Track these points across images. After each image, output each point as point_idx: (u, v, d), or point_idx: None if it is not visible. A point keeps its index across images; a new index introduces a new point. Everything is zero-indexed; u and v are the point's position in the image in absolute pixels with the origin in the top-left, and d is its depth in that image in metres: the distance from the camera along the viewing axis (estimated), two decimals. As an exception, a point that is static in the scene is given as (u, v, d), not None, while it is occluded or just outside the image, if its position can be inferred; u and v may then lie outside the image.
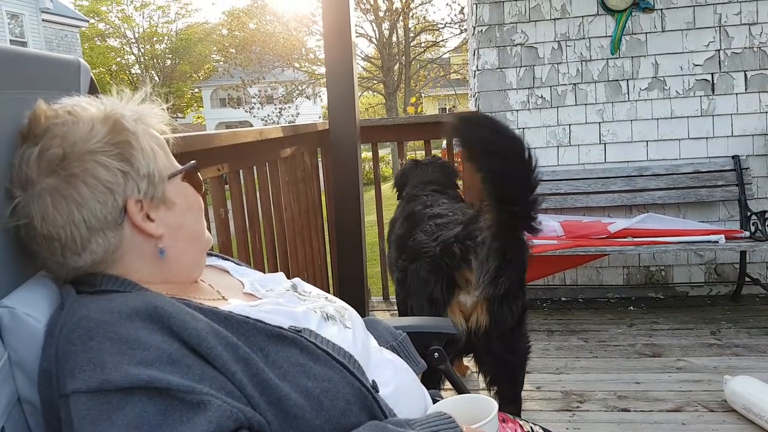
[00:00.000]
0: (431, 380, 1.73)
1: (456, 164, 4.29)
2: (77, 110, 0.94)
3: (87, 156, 0.90)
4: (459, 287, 2.03)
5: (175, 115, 34.33)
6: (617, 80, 3.94)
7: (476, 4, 4.02)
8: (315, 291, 1.22)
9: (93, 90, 1.18)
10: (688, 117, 3.89)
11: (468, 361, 3.09)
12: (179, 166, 1.05)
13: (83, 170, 0.90)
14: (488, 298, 1.97)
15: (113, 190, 0.92)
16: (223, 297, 1.06)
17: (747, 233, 3.56)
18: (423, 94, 27.28)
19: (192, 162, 1.07)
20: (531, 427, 1.32)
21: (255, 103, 24.11)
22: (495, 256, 1.83)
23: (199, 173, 1.10)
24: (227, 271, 1.21)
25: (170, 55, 37.95)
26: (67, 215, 0.89)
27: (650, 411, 2.57)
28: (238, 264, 1.26)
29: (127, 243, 0.95)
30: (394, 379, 1.08)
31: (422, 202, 2.62)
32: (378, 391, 1.00)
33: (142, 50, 37.44)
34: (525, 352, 2.19)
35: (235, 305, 0.99)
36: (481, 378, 2.58)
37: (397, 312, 3.82)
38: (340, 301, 1.21)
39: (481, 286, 1.88)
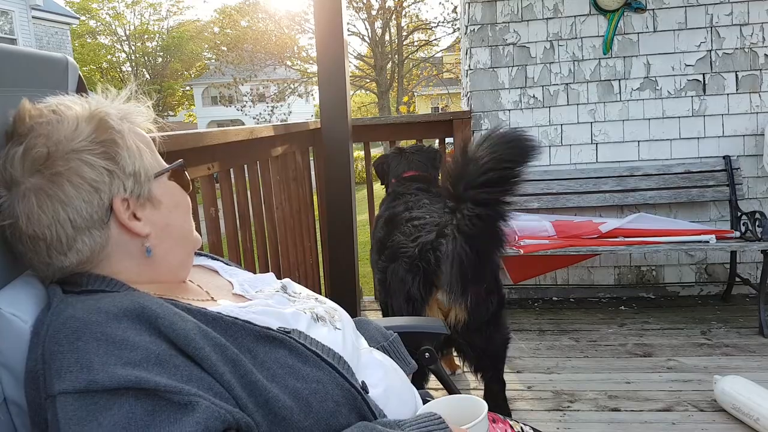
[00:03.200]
0: (417, 379, 1.75)
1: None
2: (62, 109, 0.93)
3: (72, 155, 0.89)
4: (436, 287, 2.08)
5: (166, 113, 34.28)
6: (609, 80, 3.95)
7: (469, 3, 4.02)
8: (305, 292, 1.21)
9: (81, 88, 1.17)
10: (679, 117, 3.91)
11: (458, 360, 3.10)
12: (166, 165, 1.04)
13: (68, 169, 0.89)
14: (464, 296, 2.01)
15: (99, 188, 0.91)
16: (212, 298, 1.06)
17: (737, 233, 3.57)
18: (415, 93, 27.30)
19: (179, 161, 1.07)
20: (521, 428, 1.31)
21: (247, 102, 24.09)
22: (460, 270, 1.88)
23: (186, 172, 1.09)
24: (216, 271, 1.20)
25: (161, 53, 37.84)
26: (53, 215, 0.89)
27: (640, 411, 2.57)
28: (227, 264, 1.25)
29: (114, 242, 0.94)
30: (384, 380, 1.08)
31: (405, 201, 2.65)
32: (368, 392, 1.00)
33: (133, 48, 37.31)
34: (504, 342, 2.28)
35: (224, 306, 0.98)
36: (471, 377, 2.59)
37: (388, 311, 3.81)
38: (330, 302, 1.21)
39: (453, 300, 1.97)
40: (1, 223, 0.89)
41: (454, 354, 2.49)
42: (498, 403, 2.30)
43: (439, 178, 3.14)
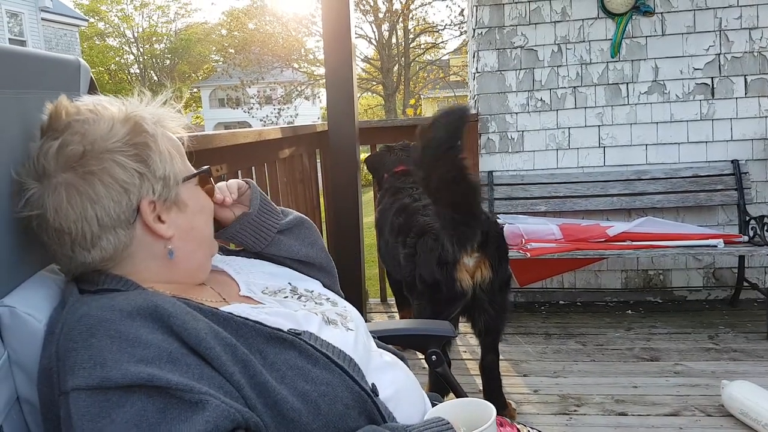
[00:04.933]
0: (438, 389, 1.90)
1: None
2: (99, 109, 0.95)
3: (106, 155, 0.91)
4: (463, 250, 2.35)
5: (174, 115, 34.37)
6: (617, 84, 3.94)
7: (476, 6, 4.02)
8: (318, 290, 1.21)
9: (92, 90, 1.18)
10: (687, 121, 3.89)
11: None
12: (193, 170, 1.06)
13: (101, 169, 0.91)
14: (487, 257, 2.39)
15: (129, 190, 0.93)
16: (224, 299, 1.06)
17: (745, 238, 3.56)
18: (422, 96, 27.27)
19: (206, 167, 1.09)
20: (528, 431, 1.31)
21: (254, 104, 24.13)
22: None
23: (212, 178, 1.11)
24: (225, 272, 1.20)
25: (169, 55, 37.96)
26: (81, 211, 0.90)
27: (647, 415, 2.57)
28: (227, 252, 1.26)
29: (137, 242, 0.96)
30: (394, 383, 1.07)
31: (409, 195, 2.87)
32: (377, 395, 1.00)
33: (142, 50, 37.45)
34: (510, 309, 2.62)
35: (236, 306, 0.99)
36: (479, 381, 2.59)
37: (396, 314, 3.82)
38: (343, 301, 1.20)
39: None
40: (28, 213, 0.90)
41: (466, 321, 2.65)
42: (494, 375, 2.59)
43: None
